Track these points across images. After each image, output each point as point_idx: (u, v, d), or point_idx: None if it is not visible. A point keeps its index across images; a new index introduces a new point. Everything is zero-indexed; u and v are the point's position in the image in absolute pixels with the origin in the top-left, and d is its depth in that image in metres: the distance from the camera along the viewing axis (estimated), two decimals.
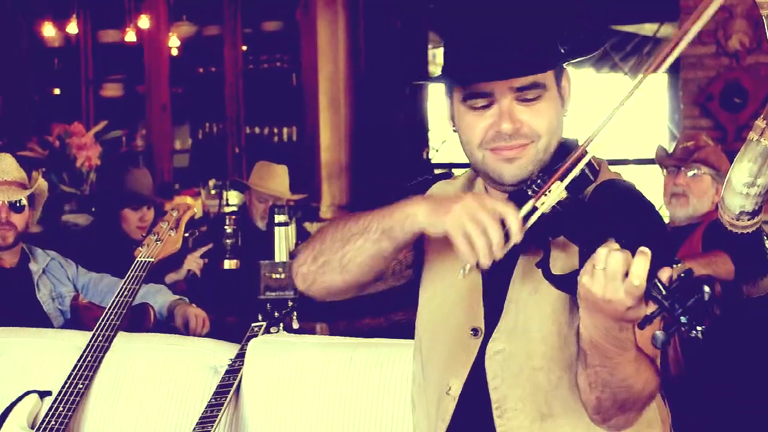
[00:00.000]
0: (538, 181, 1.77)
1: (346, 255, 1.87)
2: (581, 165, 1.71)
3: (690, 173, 3.82)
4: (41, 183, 3.65)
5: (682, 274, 1.50)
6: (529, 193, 1.76)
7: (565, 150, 1.84)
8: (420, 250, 2.01)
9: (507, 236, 1.67)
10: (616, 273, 1.53)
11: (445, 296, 1.96)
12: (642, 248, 1.53)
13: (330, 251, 1.89)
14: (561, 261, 1.77)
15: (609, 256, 1.53)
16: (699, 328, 1.47)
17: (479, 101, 1.83)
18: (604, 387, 1.69)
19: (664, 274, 1.52)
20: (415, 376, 2.07)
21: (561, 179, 1.70)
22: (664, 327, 1.51)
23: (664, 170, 3.97)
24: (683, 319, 1.48)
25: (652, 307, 1.53)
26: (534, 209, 1.71)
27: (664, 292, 1.51)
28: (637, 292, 1.52)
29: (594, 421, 1.78)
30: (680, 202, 3.82)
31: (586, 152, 1.73)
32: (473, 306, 1.91)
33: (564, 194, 1.70)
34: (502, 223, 1.68)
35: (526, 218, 1.70)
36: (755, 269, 3.18)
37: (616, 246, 1.55)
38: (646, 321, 1.53)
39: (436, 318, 1.97)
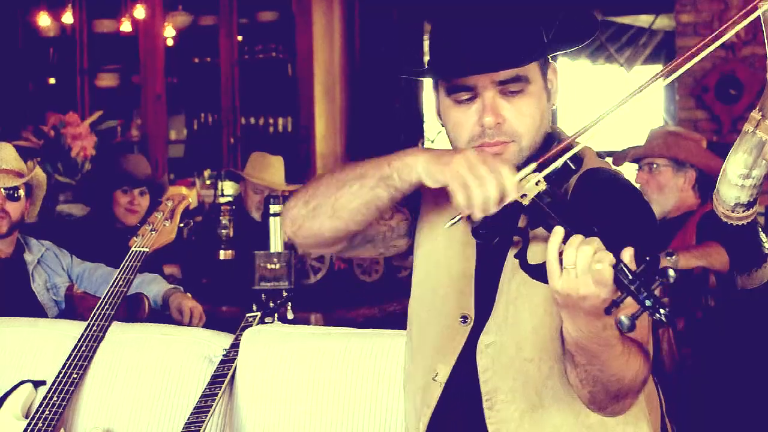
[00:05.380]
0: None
1: (339, 200, 1.84)
2: (564, 158, 1.70)
3: (647, 167, 3.74)
4: (39, 173, 3.63)
5: (648, 258, 1.50)
6: None
7: (552, 141, 1.85)
8: (413, 227, 2.01)
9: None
10: (584, 267, 1.53)
11: (437, 280, 1.95)
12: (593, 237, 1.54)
13: (323, 195, 1.87)
14: (541, 252, 1.76)
15: (577, 253, 1.54)
16: (662, 311, 1.47)
17: (462, 94, 1.83)
18: (595, 382, 1.71)
19: (626, 254, 1.52)
20: (405, 364, 2.07)
21: (540, 170, 1.69)
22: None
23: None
24: (648, 303, 1.48)
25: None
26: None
27: (630, 277, 1.50)
28: (604, 277, 1.52)
29: (591, 410, 1.79)
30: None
31: (573, 145, 1.72)
32: (464, 293, 1.91)
33: (543, 186, 1.69)
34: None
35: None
36: (750, 261, 3.17)
37: (578, 239, 1.55)
38: (611, 306, 1.53)
39: (426, 303, 1.97)
